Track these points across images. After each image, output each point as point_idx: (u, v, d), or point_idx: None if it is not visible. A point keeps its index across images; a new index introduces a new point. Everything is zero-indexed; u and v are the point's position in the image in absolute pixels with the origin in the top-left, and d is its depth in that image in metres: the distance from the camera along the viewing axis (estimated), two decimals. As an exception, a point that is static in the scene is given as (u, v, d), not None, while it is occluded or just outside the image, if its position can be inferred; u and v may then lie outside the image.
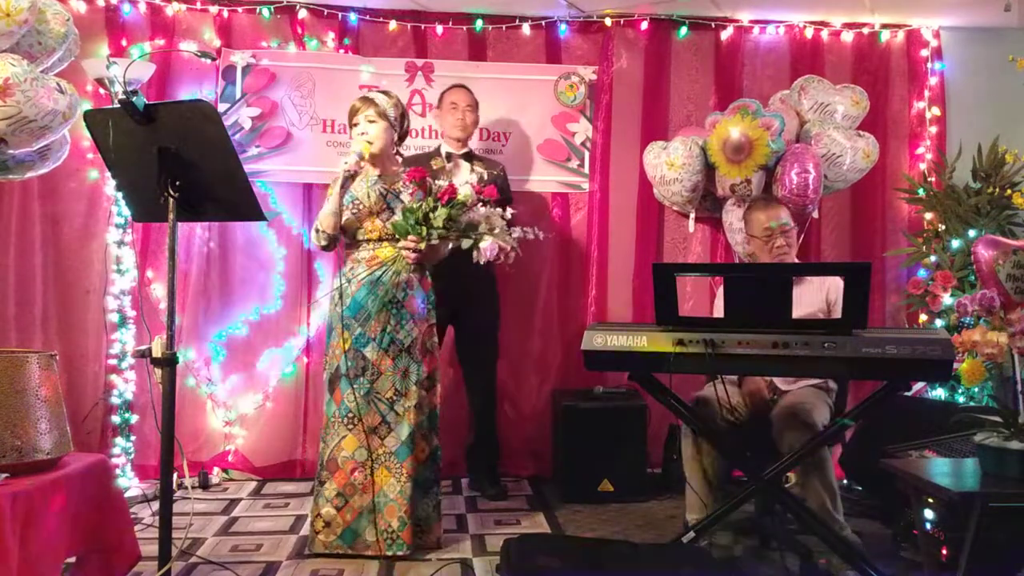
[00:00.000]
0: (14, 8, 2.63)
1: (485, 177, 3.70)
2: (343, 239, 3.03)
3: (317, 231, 2.96)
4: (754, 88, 4.32)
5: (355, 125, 3.01)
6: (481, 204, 2.98)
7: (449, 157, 3.77)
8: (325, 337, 3.10)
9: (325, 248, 3.01)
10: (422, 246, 2.91)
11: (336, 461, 2.92)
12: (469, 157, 3.80)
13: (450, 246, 3.02)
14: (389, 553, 2.89)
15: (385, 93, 3.09)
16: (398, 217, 2.95)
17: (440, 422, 3.12)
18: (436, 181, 3.06)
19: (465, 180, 3.55)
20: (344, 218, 2.96)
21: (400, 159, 3.22)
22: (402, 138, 3.15)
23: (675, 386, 2.82)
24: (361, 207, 2.96)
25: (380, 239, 2.98)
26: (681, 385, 2.90)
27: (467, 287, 3.60)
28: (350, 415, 2.92)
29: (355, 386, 2.92)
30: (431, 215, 2.87)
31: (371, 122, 2.97)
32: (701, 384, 3.15)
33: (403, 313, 2.96)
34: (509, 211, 3.04)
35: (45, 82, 2.74)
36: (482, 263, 2.98)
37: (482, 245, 2.93)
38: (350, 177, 2.92)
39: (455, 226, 2.91)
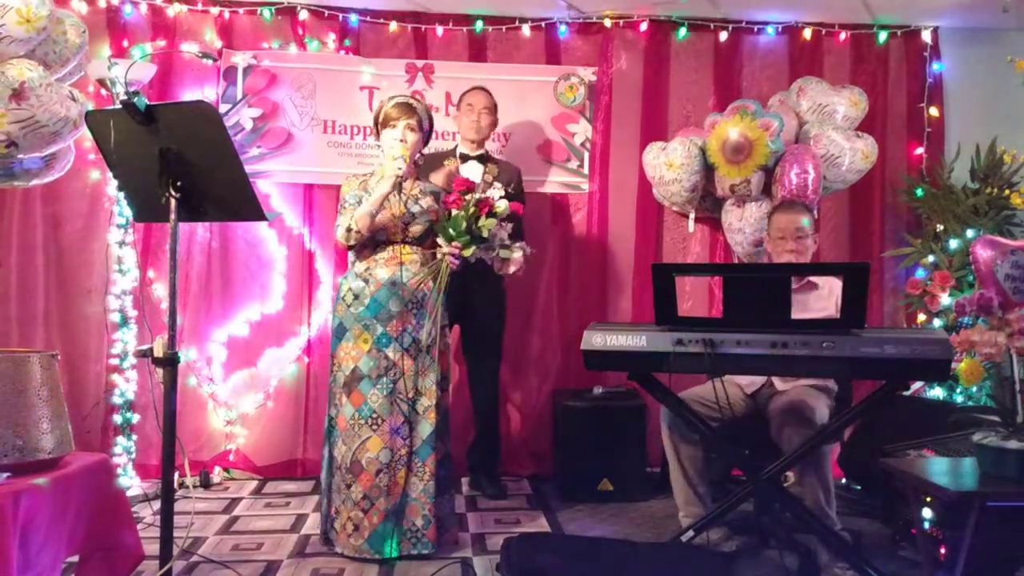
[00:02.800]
0: (34, 15, 2.66)
1: (497, 179, 3.70)
2: None
3: (350, 230, 2.91)
4: (753, 89, 4.33)
5: (392, 128, 2.99)
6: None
7: (464, 158, 3.78)
8: (332, 339, 3.06)
9: (351, 248, 3.01)
10: (467, 252, 2.91)
11: (360, 463, 2.89)
12: (484, 159, 3.80)
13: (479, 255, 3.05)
14: (415, 552, 2.91)
15: (417, 99, 3.10)
16: (419, 221, 2.99)
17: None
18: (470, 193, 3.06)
19: (476, 181, 3.56)
20: None
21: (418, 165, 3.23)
22: (424, 145, 3.17)
23: (674, 386, 2.84)
24: (385, 211, 2.96)
25: (402, 240, 2.99)
26: (681, 385, 2.91)
27: (475, 286, 3.63)
28: (374, 416, 2.91)
29: (378, 387, 2.92)
30: (475, 225, 2.89)
31: (411, 131, 2.98)
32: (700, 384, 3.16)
33: (423, 314, 2.97)
34: (509, 226, 3.08)
35: (59, 89, 2.78)
36: (509, 272, 3.02)
37: (514, 256, 2.99)
38: (401, 183, 2.91)
39: (491, 236, 2.94)
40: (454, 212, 2.93)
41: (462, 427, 4.03)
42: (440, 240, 2.96)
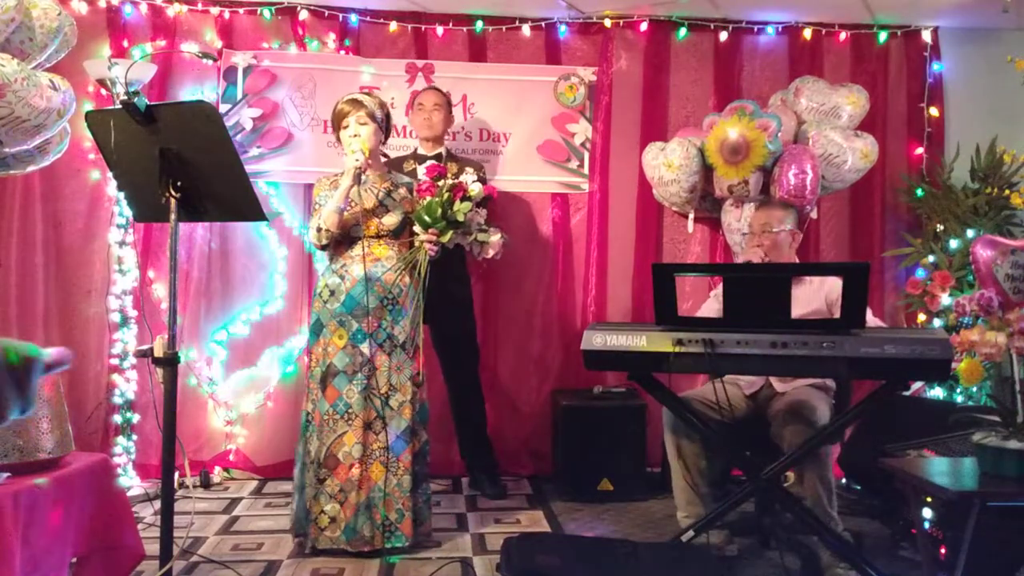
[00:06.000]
0: (1, 6, 2.60)
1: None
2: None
3: (320, 230, 2.97)
4: (753, 89, 4.33)
5: (345, 128, 3.03)
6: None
7: (421, 159, 3.76)
8: (309, 335, 3.10)
9: (324, 248, 3.03)
10: (444, 239, 2.92)
11: (336, 457, 2.93)
12: (442, 157, 3.79)
13: (456, 241, 3.06)
14: (388, 546, 2.92)
15: (368, 94, 3.13)
16: (394, 214, 3.00)
17: (440, 422, 3.14)
18: (445, 179, 3.08)
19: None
20: None
21: (384, 159, 3.24)
22: (386, 137, 3.19)
23: (673, 385, 2.84)
24: (355, 206, 2.98)
25: (377, 235, 3.01)
26: (680, 385, 2.91)
27: (441, 287, 3.60)
28: (349, 411, 2.94)
29: (353, 382, 2.94)
30: (450, 211, 2.90)
31: (362, 124, 3.01)
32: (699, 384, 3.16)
33: (398, 309, 2.98)
34: (484, 212, 3.10)
35: (37, 80, 2.69)
36: (488, 256, 3.02)
37: (492, 239, 2.99)
38: (360, 174, 2.93)
39: (467, 220, 2.95)
40: (428, 199, 2.94)
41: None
42: (417, 228, 2.98)
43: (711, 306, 3.22)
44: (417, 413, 3.03)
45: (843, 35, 4.39)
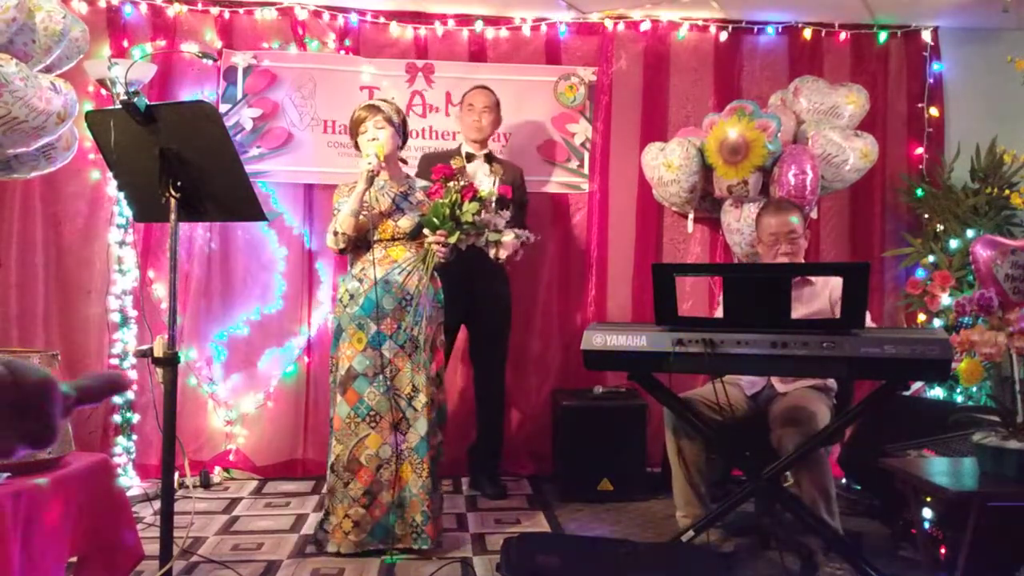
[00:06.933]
0: (1, 6, 2.57)
1: (499, 178, 3.71)
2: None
3: (335, 234, 2.97)
4: (753, 89, 4.33)
5: (363, 132, 3.04)
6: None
7: (470, 158, 3.78)
8: (332, 339, 3.10)
9: (342, 252, 3.03)
10: (452, 239, 2.93)
11: (359, 460, 2.93)
12: (489, 159, 3.80)
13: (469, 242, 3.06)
14: (415, 547, 2.94)
15: (385, 100, 3.15)
16: (409, 217, 3.01)
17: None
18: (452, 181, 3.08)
19: (480, 182, 3.57)
20: None
21: (403, 164, 3.24)
22: (404, 142, 3.19)
23: (674, 386, 2.84)
24: (372, 210, 2.99)
25: (393, 239, 3.02)
26: (681, 386, 2.91)
27: (482, 288, 3.65)
28: (371, 413, 2.94)
29: (375, 384, 2.94)
30: (458, 211, 2.90)
31: (379, 128, 3.02)
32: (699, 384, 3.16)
33: (418, 311, 2.99)
34: (507, 213, 3.09)
35: (37, 82, 2.67)
36: (503, 257, 3.02)
37: (505, 239, 2.99)
38: (373, 177, 2.94)
39: (479, 222, 2.96)
40: (436, 201, 2.95)
41: (463, 427, 4.03)
42: (426, 231, 2.98)
43: None
44: (436, 415, 3.04)
45: (843, 35, 4.39)
